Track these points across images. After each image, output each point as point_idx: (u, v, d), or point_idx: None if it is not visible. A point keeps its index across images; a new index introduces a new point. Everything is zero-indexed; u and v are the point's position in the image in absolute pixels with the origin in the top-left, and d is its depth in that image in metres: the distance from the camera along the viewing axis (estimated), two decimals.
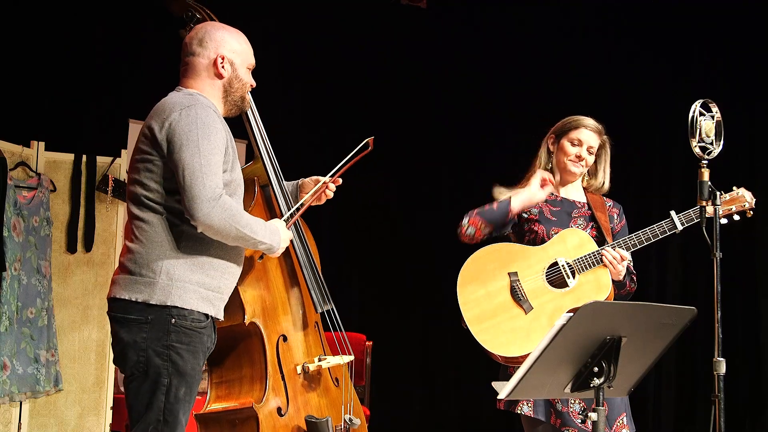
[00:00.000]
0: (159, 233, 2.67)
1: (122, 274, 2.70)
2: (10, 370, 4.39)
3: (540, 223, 3.35)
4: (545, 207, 3.38)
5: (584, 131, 3.36)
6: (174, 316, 2.64)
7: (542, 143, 3.48)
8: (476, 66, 6.02)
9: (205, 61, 2.81)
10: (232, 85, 2.84)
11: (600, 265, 3.20)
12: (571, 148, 3.37)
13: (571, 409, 3.18)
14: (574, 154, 3.36)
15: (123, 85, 5.35)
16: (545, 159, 3.45)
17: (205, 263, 2.70)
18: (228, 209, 2.62)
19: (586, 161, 3.38)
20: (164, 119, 2.66)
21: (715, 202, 2.89)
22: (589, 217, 3.37)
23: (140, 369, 2.65)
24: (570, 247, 3.25)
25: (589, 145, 3.36)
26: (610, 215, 3.38)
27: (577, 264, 3.21)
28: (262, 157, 3.22)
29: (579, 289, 3.21)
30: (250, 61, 2.89)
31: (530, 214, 3.38)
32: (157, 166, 2.67)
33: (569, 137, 3.38)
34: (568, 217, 3.36)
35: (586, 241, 3.25)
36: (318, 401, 3.24)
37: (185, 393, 2.68)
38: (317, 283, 3.27)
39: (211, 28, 2.86)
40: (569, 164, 3.37)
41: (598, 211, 3.36)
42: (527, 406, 3.22)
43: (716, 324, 2.77)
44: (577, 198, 3.42)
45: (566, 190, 3.44)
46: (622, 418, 3.22)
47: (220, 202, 2.59)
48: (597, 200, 3.41)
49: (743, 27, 5.23)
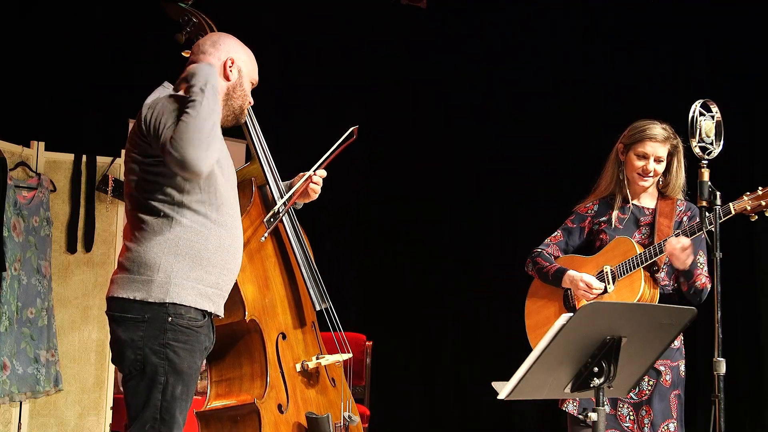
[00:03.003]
0: (157, 231, 2.68)
1: (120, 273, 2.72)
2: (10, 370, 4.39)
3: (606, 233, 3.36)
4: (615, 215, 3.38)
5: (649, 144, 3.29)
6: (171, 315, 2.65)
7: (613, 151, 3.43)
8: (476, 66, 6.02)
9: (216, 62, 2.82)
10: (235, 91, 2.85)
11: (637, 269, 3.20)
12: (638, 162, 3.32)
13: (620, 412, 3.20)
14: (641, 168, 3.32)
15: (123, 85, 5.35)
16: (615, 168, 3.41)
17: (203, 260, 2.71)
18: (181, 134, 2.52)
19: (655, 171, 3.32)
20: (140, 113, 2.69)
21: (715, 202, 2.88)
22: (651, 223, 3.35)
23: (137, 367, 2.66)
24: (617, 254, 3.28)
25: (656, 155, 3.30)
26: (678, 220, 3.33)
27: (618, 269, 3.25)
28: (260, 157, 3.25)
29: (616, 292, 3.25)
30: (253, 76, 2.91)
31: (601, 223, 3.39)
32: (151, 165, 2.68)
33: (636, 150, 3.32)
34: (635, 225, 3.36)
35: (631, 248, 3.26)
36: (317, 399, 3.25)
37: (182, 391, 2.69)
38: (315, 281, 3.29)
39: (224, 36, 2.91)
40: (637, 178, 3.34)
41: (662, 217, 3.32)
42: (572, 405, 3.24)
43: (716, 324, 2.77)
44: (647, 204, 3.40)
45: (640, 197, 3.41)
46: (669, 425, 3.19)
47: (175, 138, 2.52)
48: (666, 205, 3.36)
49: (743, 27, 5.23)
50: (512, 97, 5.91)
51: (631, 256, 3.23)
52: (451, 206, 6.16)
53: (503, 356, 5.59)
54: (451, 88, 6.13)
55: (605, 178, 3.44)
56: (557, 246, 3.44)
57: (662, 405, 3.18)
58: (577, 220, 3.46)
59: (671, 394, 3.21)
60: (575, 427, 3.25)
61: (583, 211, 3.45)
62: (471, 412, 6.00)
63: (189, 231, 2.69)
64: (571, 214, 3.49)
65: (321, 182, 3.20)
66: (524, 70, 5.88)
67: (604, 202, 3.42)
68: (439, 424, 6.12)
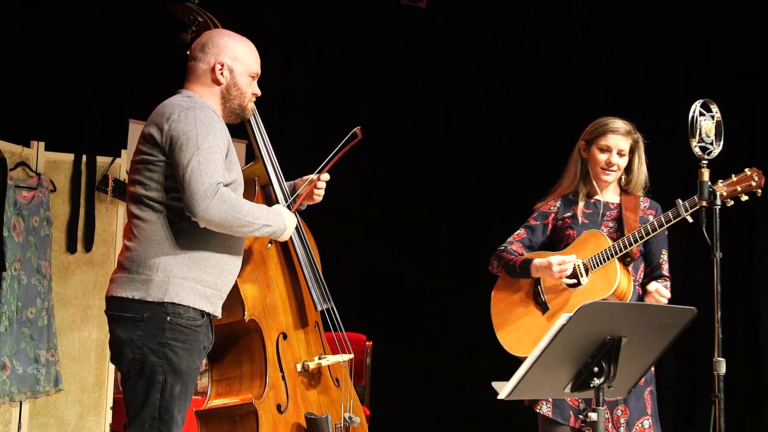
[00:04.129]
0: (157, 231, 2.69)
1: (120, 273, 2.73)
2: (10, 370, 4.39)
3: (573, 228, 3.36)
4: (580, 210, 3.38)
5: (611, 137, 3.32)
6: (169, 314, 2.66)
7: (575, 149, 3.45)
8: (476, 66, 6.02)
9: (205, 66, 2.84)
10: (230, 92, 2.86)
11: (611, 260, 3.20)
12: (601, 155, 3.34)
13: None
14: (604, 161, 3.34)
15: (123, 85, 5.35)
16: (579, 165, 3.43)
17: (202, 260, 2.72)
18: (226, 201, 2.63)
19: (618, 165, 3.34)
20: (164, 121, 2.69)
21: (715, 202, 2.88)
22: (617, 218, 3.36)
23: (136, 367, 2.67)
24: (588, 247, 3.27)
25: (618, 149, 3.33)
26: (643, 216, 3.34)
27: (591, 261, 3.24)
28: (263, 156, 3.24)
29: (590, 284, 3.24)
30: (252, 69, 2.90)
31: (565, 218, 3.39)
32: (157, 166, 2.69)
33: (598, 144, 3.35)
34: (600, 219, 3.36)
35: (603, 240, 3.26)
36: (318, 399, 3.25)
37: (180, 391, 2.69)
38: (317, 282, 3.29)
39: (215, 35, 2.89)
40: (601, 173, 3.36)
41: (628, 211, 3.34)
42: (546, 406, 3.23)
43: (716, 324, 2.77)
44: (611, 199, 3.41)
45: (603, 193, 3.42)
46: (643, 422, 3.20)
47: (218, 196, 2.61)
48: (630, 201, 3.38)
49: (743, 27, 5.23)
50: (512, 97, 5.91)
51: (603, 248, 3.22)
52: (451, 206, 6.16)
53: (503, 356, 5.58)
54: (451, 88, 6.13)
55: (568, 176, 3.45)
56: (521, 243, 3.43)
57: (638, 403, 3.19)
58: (540, 217, 3.45)
59: (645, 391, 3.23)
60: (548, 428, 3.26)
61: (546, 208, 3.45)
62: (471, 412, 6.00)
63: (189, 231, 2.70)
64: (533, 212, 3.48)
65: (324, 185, 3.19)
66: (524, 71, 5.88)
67: (566, 199, 3.43)
68: (439, 424, 6.12)
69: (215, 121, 2.73)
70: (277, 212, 2.87)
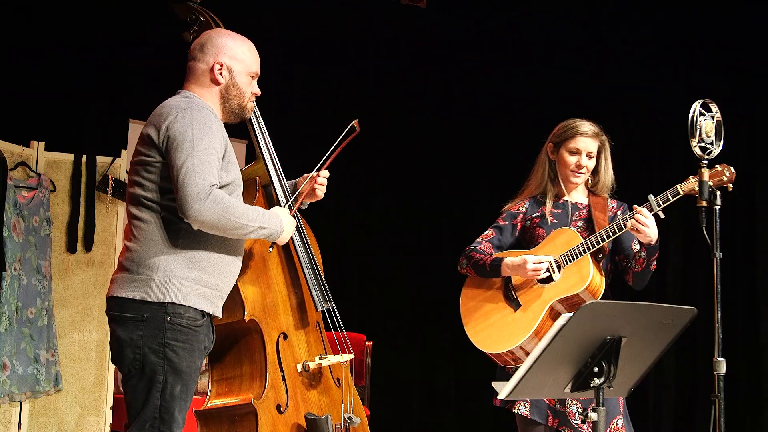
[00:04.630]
0: (156, 232, 2.69)
1: (120, 273, 2.73)
2: (10, 370, 4.39)
3: (541, 227, 3.37)
4: (549, 211, 3.39)
5: (581, 139, 3.34)
6: (170, 314, 2.66)
7: (542, 151, 3.47)
8: (476, 66, 6.01)
9: (204, 66, 2.84)
10: (229, 92, 2.85)
11: (583, 256, 3.20)
12: (570, 158, 3.35)
13: (569, 409, 3.20)
14: (574, 164, 3.35)
15: (123, 85, 5.35)
16: (547, 167, 3.44)
17: (202, 260, 2.72)
18: (219, 203, 2.63)
19: (587, 167, 3.36)
20: (161, 122, 2.70)
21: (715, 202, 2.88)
22: (587, 218, 3.38)
23: (137, 367, 2.67)
24: (559, 244, 3.27)
25: (588, 151, 3.34)
26: (611, 215, 3.37)
27: (563, 258, 3.24)
28: (264, 156, 3.23)
29: (563, 280, 3.23)
30: (252, 69, 2.89)
31: (534, 218, 3.39)
32: (155, 167, 2.70)
33: (567, 147, 3.36)
34: (568, 219, 3.37)
35: (574, 237, 3.26)
36: (318, 399, 3.25)
37: (181, 391, 2.69)
38: (318, 282, 3.28)
39: (215, 35, 2.89)
40: (570, 175, 3.37)
41: (597, 211, 3.36)
42: (524, 407, 3.23)
43: (716, 324, 2.77)
44: (579, 200, 3.42)
45: (571, 194, 3.43)
46: (617, 421, 3.21)
47: (210, 198, 2.60)
48: (598, 201, 3.40)
49: (743, 27, 5.22)
50: (512, 97, 5.91)
51: (575, 244, 3.22)
52: (451, 206, 6.16)
53: None
54: (451, 88, 6.12)
55: (535, 178, 3.46)
56: (490, 243, 3.43)
57: (610, 403, 3.18)
58: (508, 217, 3.46)
59: None
60: (527, 428, 3.26)
61: (515, 209, 3.46)
62: (471, 412, 6.00)
63: (188, 232, 2.70)
64: (501, 213, 3.49)
65: (326, 181, 3.18)
66: (524, 71, 5.88)
67: (535, 200, 3.44)
68: (439, 424, 6.12)
69: (212, 122, 2.72)
70: (274, 215, 2.86)
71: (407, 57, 6.07)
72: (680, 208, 4.14)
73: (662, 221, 3.20)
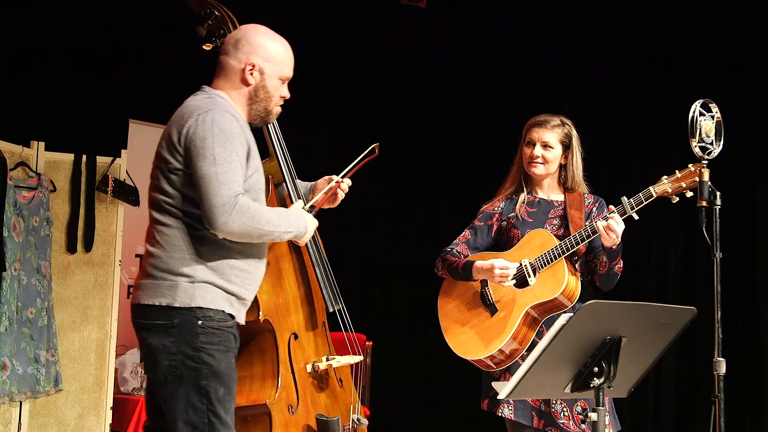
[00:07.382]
0: (179, 238, 2.65)
1: (144, 279, 2.69)
2: (10, 370, 4.39)
3: (516, 227, 3.36)
4: (523, 209, 3.38)
5: (534, 130, 3.37)
6: (200, 318, 2.62)
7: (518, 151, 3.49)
8: (476, 66, 6.01)
9: (235, 63, 2.77)
10: (258, 94, 2.78)
11: (558, 260, 3.19)
12: (526, 149, 3.39)
13: (554, 409, 3.19)
14: (529, 155, 3.37)
15: (123, 85, 5.35)
16: (519, 165, 3.46)
17: (226, 268, 2.68)
18: (245, 212, 2.59)
19: (544, 157, 3.35)
20: (182, 125, 2.65)
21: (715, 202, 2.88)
22: (563, 216, 3.36)
23: (174, 373, 2.62)
24: (534, 247, 3.27)
25: (542, 141, 3.35)
26: (588, 211, 3.35)
27: (537, 262, 3.23)
28: (277, 155, 3.22)
29: (538, 284, 3.22)
30: (284, 73, 2.83)
31: (510, 218, 3.38)
32: (176, 174, 2.65)
33: (525, 140, 3.41)
34: (544, 217, 3.36)
35: (548, 239, 3.25)
36: (325, 400, 3.25)
37: (224, 393, 2.65)
38: (329, 282, 3.27)
39: (251, 32, 2.82)
40: (527, 167, 3.39)
41: (573, 209, 3.34)
42: (507, 409, 3.21)
43: (716, 324, 2.77)
44: (555, 197, 3.42)
45: (545, 191, 3.43)
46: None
47: (236, 209, 2.57)
48: (574, 198, 3.38)
49: (744, 27, 5.22)
50: (512, 97, 5.91)
51: (549, 247, 3.22)
52: (451, 205, 6.15)
53: None
54: (451, 88, 6.12)
55: (510, 177, 3.48)
56: (466, 245, 3.43)
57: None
58: (484, 218, 3.46)
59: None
60: (513, 430, 3.25)
61: (491, 209, 3.46)
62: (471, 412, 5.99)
63: (211, 238, 2.66)
64: (478, 214, 3.49)
65: (347, 189, 3.16)
66: (524, 71, 5.88)
67: (510, 200, 3.45)
68: (439, 424, 6.11)
69: (234, 126, 2.65)
70: (299, 216, 2.82)
71: (407, 57, 6.07)
72: (680, 208, 4.13)
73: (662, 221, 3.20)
